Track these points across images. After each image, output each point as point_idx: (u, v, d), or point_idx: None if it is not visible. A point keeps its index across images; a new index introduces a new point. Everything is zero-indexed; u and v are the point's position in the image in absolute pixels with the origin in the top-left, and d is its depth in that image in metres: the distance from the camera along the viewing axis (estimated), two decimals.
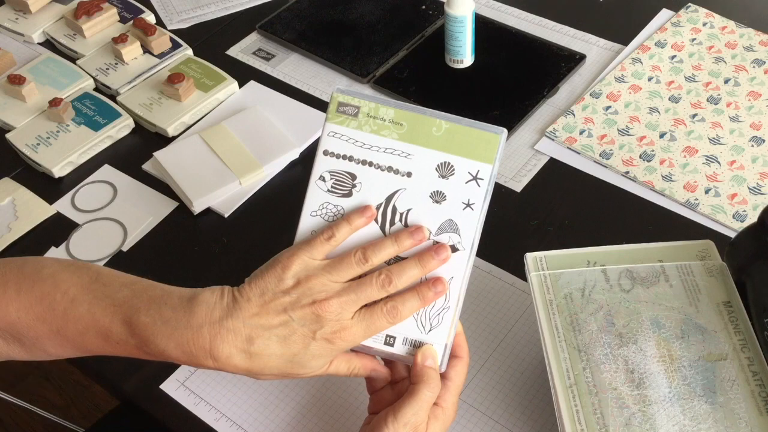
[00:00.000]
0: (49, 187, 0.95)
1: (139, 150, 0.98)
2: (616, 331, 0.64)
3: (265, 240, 0.87)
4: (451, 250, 0.59)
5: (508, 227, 0.86)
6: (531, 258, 0.69)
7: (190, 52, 1.09)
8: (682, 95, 0.97)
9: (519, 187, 0.90)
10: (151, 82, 1.04)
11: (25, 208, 0.92)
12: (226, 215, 0.90)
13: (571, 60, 1.03)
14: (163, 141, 0.99)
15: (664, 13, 1.08)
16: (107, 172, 0.96)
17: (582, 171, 0.91)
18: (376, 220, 0.60)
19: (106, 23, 1.13)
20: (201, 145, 0.94)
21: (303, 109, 1.00)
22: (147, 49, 1.08)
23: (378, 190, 0.60)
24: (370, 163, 0.60)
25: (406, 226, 0.60)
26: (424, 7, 1.13)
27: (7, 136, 0.99)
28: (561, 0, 1.13)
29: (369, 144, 0.60)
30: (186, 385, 0.75)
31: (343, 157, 0.61)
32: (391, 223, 0.60)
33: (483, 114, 0.97)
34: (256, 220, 0.89)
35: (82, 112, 1.00)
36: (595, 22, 1.09)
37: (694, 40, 1.03)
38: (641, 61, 1.01)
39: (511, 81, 1.01)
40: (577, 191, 0.89)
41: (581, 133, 0.94)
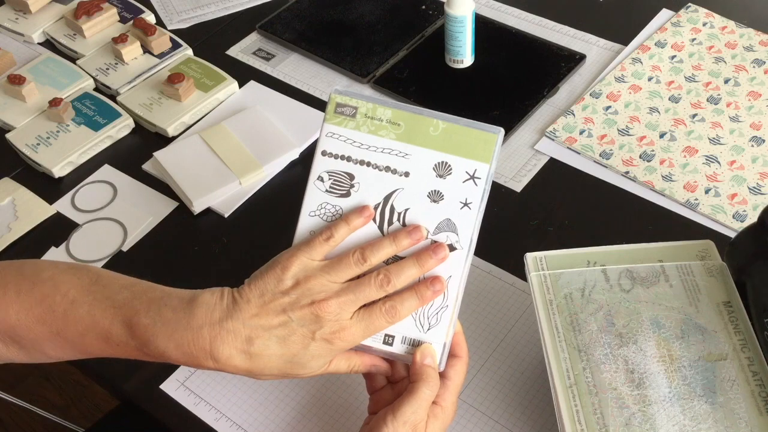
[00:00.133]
0: (49, 187, 0.95)
1: (139, 150, 0.98)
2: (616, 331, 0.64)
3: (265, 240, 0.87)
4: (449, 249, 0.59)
5: (508, 227, 0.86)
6: (531, 258, 0.69)
7: (190, 52, 1.09)
8: (682, 95, 0.97)
9: (519, 187, 0.90)
10: (151, 82, 1.04)
11: (25, 208, 0.92)
12: (226, 215, 0.90)
13: (571, 60, 1.03)
14: (163, 141, 0.99)
15: (664, 13, 1.08)
16: (107, 172, 0.96)
17: (582, 171, 0.91)
18: (374, 219, 0.60)
19: (106, 23, 1.13)
20: (201, 145, 0.94)
21: (303, 109, 1.00)
22: (147, 49, 1.08)
23: (376, 190, 0.60)
24: (368, 164, 0.60)
25: (404, 225, 0.60)
26: (424, 7, 1.13)
27: (7, 136, 0.99)
28: (561, 0, 1.13)
29: (367, 144, 0.61)
30: (186, 385, 0.75)
31: (341, 157, 0.61)
32: (389, 223, 0.60)
33: (483, 114, 0.97)
34: (256, 220, 0.89)
35: (82, 112, 1.00)
36: (595, 22, 1.09)
37: (694, 40, 1.03)
38: (641, 61, 1.01)
39: (511, 81, 1.01)
40: (577, 191, 0.89)
41: (581, 133, 0.94)
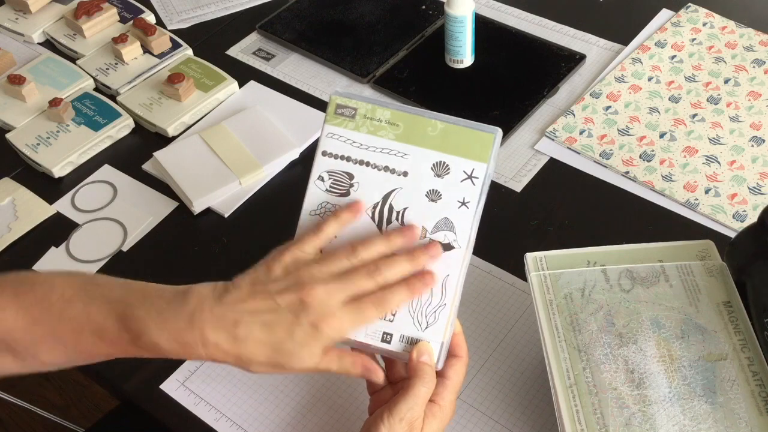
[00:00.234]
0: (49, 187, 0.95)
1: (139, 150, 0.98)
2: (616, 331, 0.64)
3: (265, 240, 0.86)
4: (447, 248, 0.59)
5: (508, 227, 0.86)
6: (531, 258, 0.69)
7: (190, 52, 1.09)
8: (682, 95, 0.97)
9: (519, 187, 0.89)
10: (151, 82, 1.04)
11: (25, 208, 0.92)
12: (226, 215, 0.90)
13: (571, 60, 1.03)
14: (163, 141, 0.99)
15: (664, 13, 1.08)
16: (107, 172, 0.96)
17: (582, 171, 0.91)
18: (373, 218, 0.60)
19: (106, 23, 1.13)
20: (201, 145, 0.94)
21: (303, 109, 1.00)
22: (147, 49, 1.08)
23: (375, 189, 0.61)
24: (367, 163, 0.61)
25: (403, 224, 0.60)
26: (424, 7, 1.13)
27: (7, 136, 0.99)
28: (561, 0, 1.13)
29: (366, 144, 0.61)
30: (186, 385, 0.75)
31: (341, 157, 0.61)
32: (388, 222, 0.60)
33: (483, 114, 0.97)
34: (256, 220, 0.89)
35: (82, 112, 1.00)
36: (595, 22, 1.09)
37: (694, 40, 1.03)
38: (641, 61, 1.01)
39: (511, 81, 1.01)
40: (577, 191, 0.89)
41: (581, 133, 0.94)
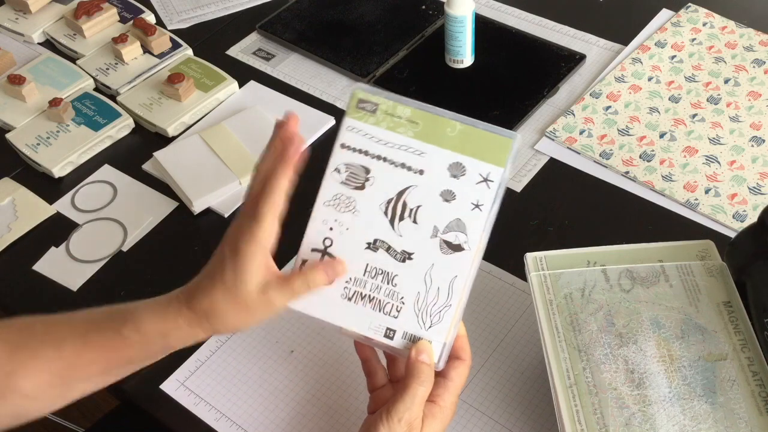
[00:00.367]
0: (49, 187, 0.95)
1: (139, 150, 0.98)
2: (616, 331, 0.64)
3: None
4: (457, 249, 0.60)
5: (508, 227, 0.85)
6: (531, 258, 0.69)
7: (190, 52, 1.09)
8: (682, 95, 0.97)
9: (519, 187, 0.89)
10: (151, 82, 1.04)
11: (25, 208, 0.92)
12: (226, 215, 0.90)
13: (571, 60, 1.03)
14: (163, 141, 0.99)
15: (664, 13, 1.08)
16: (107, 172, 0.96)
17: (582, 171, 0.91)
18: (386, 214, 0.61)
19: (106, 23, 1.13)
20: (201, 145, 0.94)
21: (303, 109, 1.00)
22: (147, 49, 1.08)
23: (390, 185, 0.61)
24: (384, 159, 0.62)
25: (415, 221, 0.60)
26: (424, 7, 1.13)
27: (7, 136, 0.99)
28: (561, 0, 1.13)
29: (385, 140, 0.62)
30: (186, 385, 0.75)
31: (359, 151, 0.62)
32: (401, 218, 0.61)
33: (483, 114, 0.97)
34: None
35: (82, 112, 1.00)
36: (595, 22, 1.09)
37: (694, 40, 1.03)
38: (641, 61, 1.01)
39: (511, 81, 1.01)
40: (577, 191, 0.89)
41: (581, 133, 0.94)
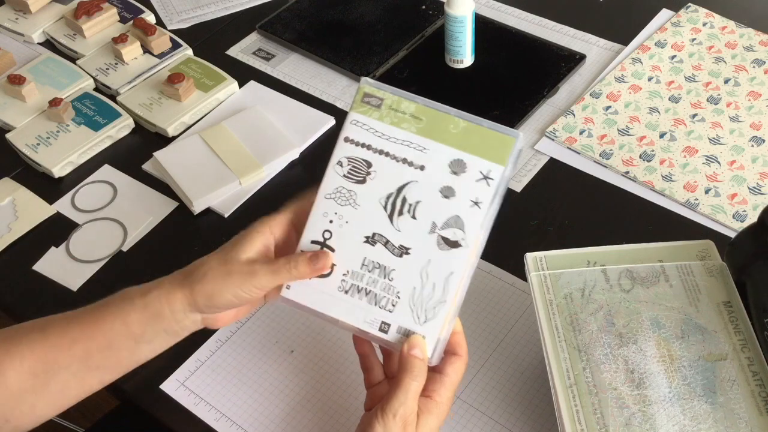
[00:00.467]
0: (49, 187, 0.95)
1: (139, 150, 0.98)
2: (616, 331, 0.64)
3: None
4: (454, 245, 0.59)
5: (508, 227, 0.85)
6: (531, 258, 0.69)
7: (190, 52, 1.09)
8: (682, 95, 0.97)
9: (519, 187, 0.89)
10: (151, 82, 1.04)
11: (25, 208, 0.92)
12: (226, 215, 0.90)
13: (571, 60, 1.03)
14: (163, 141, 0.99)
15: (664, 13, 1.08)
16: (107, 172, 0.96)
17: (582, 171, 0.91)
18: (385, 208, 0.61)
19: (106, 23, 1.13)
20: (201, 145, 0.94)
21: (303, 109, 1.00)
22: (147, 49, 1.08)
23: (390, 179, 0.61)
24: (386, 153, 0.62)
25: (414, 217, 0.60)
26: (424, 7, 1.13)
27: (7, 136, 0.99)
28: (561, 0, 1.13)
29: (387, 135, 0.62)
30: (186, 385, 0.75)
31: (362, 145, 0.62)
32: (399, 213, 0.61)
33: (483, 114, 0.95)
34: (256, 220, 0.89)
35: (82, 112, 1.00)
36: (595, 22, 1.09)
37: (694, 40, 1.03)
38: (641, 61, 1.01)
39: (511, 81, 1.01)
40: (577, 191, 0.89)
41: (581, 133, 0.94)
